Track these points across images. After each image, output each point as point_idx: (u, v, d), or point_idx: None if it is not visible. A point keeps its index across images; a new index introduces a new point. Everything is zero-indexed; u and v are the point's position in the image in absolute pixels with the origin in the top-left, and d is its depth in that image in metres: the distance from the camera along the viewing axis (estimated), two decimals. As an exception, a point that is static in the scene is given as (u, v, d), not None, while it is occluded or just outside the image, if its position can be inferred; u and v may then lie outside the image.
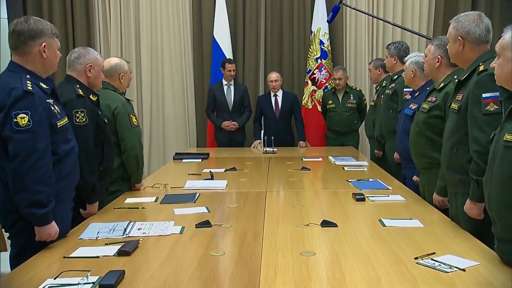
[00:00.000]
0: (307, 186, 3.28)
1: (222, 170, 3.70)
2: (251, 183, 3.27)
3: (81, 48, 2.59)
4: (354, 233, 2.11)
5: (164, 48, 6.12)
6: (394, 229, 2.15)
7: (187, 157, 4.35)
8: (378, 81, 4.76)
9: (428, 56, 2.73)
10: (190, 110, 6.19)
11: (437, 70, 2.70)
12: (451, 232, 2.11)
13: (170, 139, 6.21)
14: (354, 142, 5.32)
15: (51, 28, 2.07)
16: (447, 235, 2.06)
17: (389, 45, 4.30)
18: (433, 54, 2.69)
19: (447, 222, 2.28)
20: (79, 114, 2.40)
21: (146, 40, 6.06)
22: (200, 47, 6.09)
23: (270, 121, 5.34)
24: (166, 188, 3.06)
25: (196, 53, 6.11)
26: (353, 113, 5.31)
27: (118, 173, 2.93)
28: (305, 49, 6.00)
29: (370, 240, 2.00)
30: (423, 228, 2.17)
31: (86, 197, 2.44)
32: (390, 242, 1.98)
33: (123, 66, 3.09)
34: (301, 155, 4.59)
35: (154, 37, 6.09)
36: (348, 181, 3.21)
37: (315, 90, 5.86)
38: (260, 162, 4.30)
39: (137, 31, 6.07)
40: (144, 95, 6.13)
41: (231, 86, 5.42)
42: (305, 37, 6.02)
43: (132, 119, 2.97)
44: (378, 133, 4.23)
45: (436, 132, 2.59)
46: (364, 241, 2.00)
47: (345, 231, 2.13)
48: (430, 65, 2.73)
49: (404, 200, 2.70)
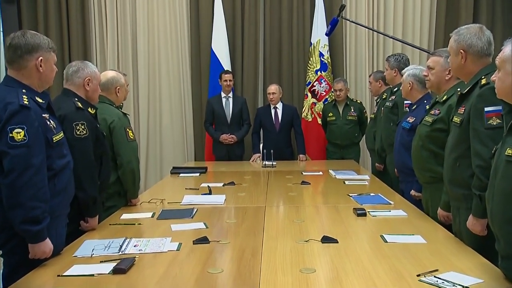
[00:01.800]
0: (307, 201, 3.27)
1: (220, 185, 3.69)
2: (250, 198, 3.26)
3: (79, 62, 2.62)
4: (355, 249, 2.11)
5: (161, 61, 6.15)
6: (396, 245, 2.15)
7: (185, 172, 4.34)
8: (378, 93, 4.79)
9: (436, 69, 2.75)
10: (187, 123, 6.20)
11: (445, 82, 2.72)
12: (454, 249, 2.10)
13: (168, 153, 6.21)
14: (355, 156, 5.32)
15: (48, 42, 2.09)
16: (450, 252, 2.06)
17: (389, 57, 4.34)
18: (444, 66, 2.70)
19: (450, 238, 2.27)
20: (79, 127, 2.41)
21: (143, 53, 6.09)
22: (198, 59, 6.12)
23: (270, 134, 5.35)
24: (163, 203, 3.06)
25: (194, 65, 6.14)
26: (354, 126, 5.32)
27: (114, 188, 2.92)
28: (305, 61, 6.03)
29: (371, 257, 2.00)
30: (426, 244, 2.16)
31: (87, 210, 2.44)
32: (392, 258, 1.97)
33: (119, 79, 3.11)
34: (301, 169, 4.59)
35: (152, 50, 6.13)
36: (349, 195, 3.20)
37: (315, 103, 5.88)
38: (259, 176, 4.29)
39: (134, 43, 6.10)
40: (141, 108, 6.14)
41: (230, 98, 5.44)
42: (304, 49, 6.05)
43: (129, 133, 2.98)
44: (379, 146, 4.24)
45: (439, 145, 2.60)
46: (365, 257, 1.99)
47: (346, 247, 2.13)
48: (440, 77, 2.74)
49: (406, 215, 2.69)
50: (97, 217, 2.51)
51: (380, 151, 4.24)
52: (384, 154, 4.18)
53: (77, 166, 2.29)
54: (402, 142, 3.28)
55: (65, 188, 2.13)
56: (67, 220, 2.24)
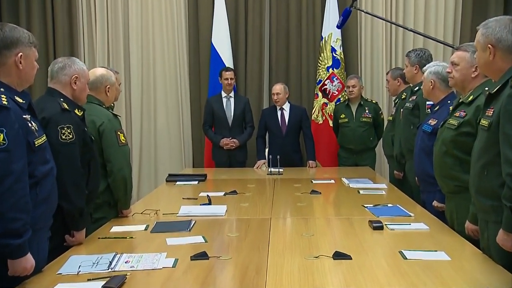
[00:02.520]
0: (317, 212, 3.27)
1: (221, 194, 3.70)
2: (254, 209, 3.27)
3: (66, 58, 2.62)
4: (370, 266, 2.10)
5: (156, 57, 6.18)
6: (416, 262, 2.14)
7: (182, 179, 4.35)
8: (396, 93, 4.78)
9: (461, 65, 2.73)
10: (185, 126, 6.22)
11: (472, 81, 2.71)
12: (481, 266, 2.09)
13: (163, 159, 6.23)
14: (371, 162, 5.31)
15: (29, 36, 2.09)
16: (477, 270, 2.05)
17: (410, 52, 4.32)
18: (470, 63, 2.69)
19: (477, 255, 2.26)
20: (65, 130, 2.41)
21: (136, 48, 6.12)
22: (197, 55, 6.14)
23: (276, 138, 5.35)
24: (158, 214, 3.06)
25: (193, 62, 6.16)
26: (369, 129, 5.31)
27: (103, 197, 2.93)
28: (315, 57, 6.04)
29: (389, 275, 1.99)
30: (450, 262, 2.15)
31: (72, 223, 2.44)
32: (412, 277, 1.96)
33: (109, 77, 3.11)
34: (310, 177, 4.58)
35: (145, 44, 6.16)
36: (364, 206, 3.20)
37: (326, 103, 5.89)
38: (264, 184, 4.29)
39: (126, 37, 6.13)
40: (134, 110, 6.16)
41: (231, 98, 5.45)
42: (314, 44, 6.06)
43: (120, 137, 2.98)
44: (398, 151, 4.22)
45: (466, 151, 2.58)
46: (382, 275, 1.99)
47: (361, 264, 2.12)
48: (465, 75, 2.73)
49: (428, 229, 2.68)
50: (84, 230, 2.50)
51: (399, 157, 4.22)
52: (403, 161, 4.17)
53: (62, 174, 2.29)
54: (423, 147, 3.26)
55: (48, 197, 2.12)
56: (49, 233, 2.23)
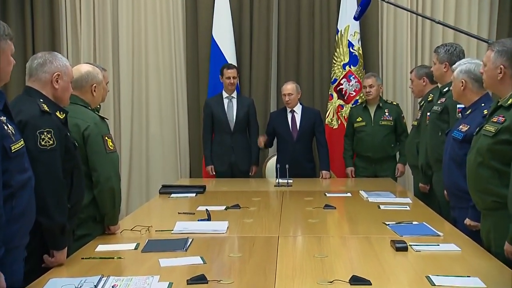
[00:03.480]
0: (331, 229, 3.27)
1: (222, 208, 3.70)
2: (259, 225, 3.26)
3: (46, 53, 2.62)
4: (393, 293, 2.08)
5: (149, 52, 6.19)
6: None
7: (177, 191, 4.35)
8: (422, 94, 4.75)
9: (487, 66, 2.73)
10: (181, 130, 6.23)
11: (500, 83, 2.69)
12: (522, 294, 2.07)
13: (156, 167, 6.24)
14: (392, 173, 5.30)
15: (4, 28, 2.10)
16: (517, 298, 2.03)
17: (438, 48, 4.29)
18: (494, 63, 2.68)
19: (517, 281, 2.24)
20: (45, 136, 2.40)
21: (126, 42, 6.14)
22: (195, 50, 6.15)
23: (285, 145, 5.35)
24: (150, 231, 3.06)
25: (190, 58, 6.17)
26: (389, 134, 5.30)
27: (88, 212, 2.92)
28: (330, 53, 6.04)
29: (415, 304, 1.98)
30: (485, 289, 2.13)
31: (53, 241, 2.43)
32: (442, 306, 1.95)
33: (96, 75, 3.11)
34: (323, 189, 4.57)
35: (137, 38, 6.18)
36: (385, 223, 3.19)
37: (342, 105, 5.88)
38: (271, 197, 4.29)
39: (114, 30, 6.16)
40: (123, 112, 6.18)
41: (233, 99, 5.46)
42: (329, 38, 6.06)
43: (108, 143, 2.97)
44: (424, 161, 4.20)
45: (505, 161, 2.55)
46: (407, 304, 1.97)
47: (382, 291, 2.10)
48: (490, 77, 2.71)
49: (460, 250, 2.66)
50: (65, 250, 2.49)
51: (425, 168, 4.20)
52: (430, 172, 4.14)
53: (41, 185, 2.29)
54: (453, 156, 3.24)
55: (24, 212, 2.11)
56: (25, 253, 2.22)
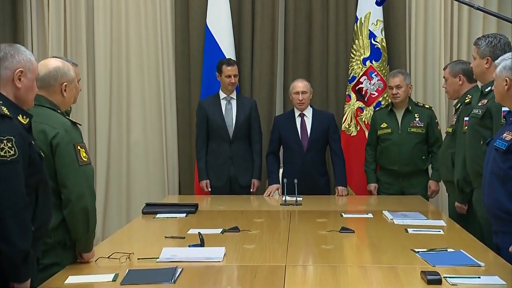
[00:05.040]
0: (349, 258, 3.26)
1: (218, 231, 3.69)
2: (262, 253, 3.24)
3: (7, 46, 2.62)
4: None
5: (130, 43, 6.21)
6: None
7: (164, 211, 4.33)
8: (458, 95, 4.73)
9: None
10: (169, 138, 6.24)
11: None
12: None
13: (139, 182, 6.25)
14: (422, 190, 5.29)
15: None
16: None
17: (479, 40, 4.26)
18: None
19: None
20: (4, 144, 2.39)
21: (103, 32, 6.16)
22: (186, 42, 6.17)
23: (294, 155, 5.34)
24: (131, 259, 3.04)
25: (180, 51, 6.19)
26: (420, 144, 5.29)
27: (56, 236, 2.90)
28: (347, 45, 6.05)
29: None
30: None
31: (13, 272, 2.41)
32: None
33: (67, 71, 3.10)
34: (340, 209, 4.56)
35: (116, 27, 6.20)
36: (414, 251, 3.17)
37: (362, 108, 5.89)
38: (277, 218, 4.28)
39: (89, 17, 6.18)
40: (100, 115, 6.19)
41: (233, 100, 5.46)
42: (346, 28, 6.09)
43: (80, 153, 2.96)
44: (460, 176, 4.18)
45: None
46: None
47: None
48: None
49: (505, 284, 2.65)
50: (28, 282, 2.47)
51: (462, 184, 4.18)
52: (468, 189, 4.12)
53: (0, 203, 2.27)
54: (495, 170, 3.22)
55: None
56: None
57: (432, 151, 5.30)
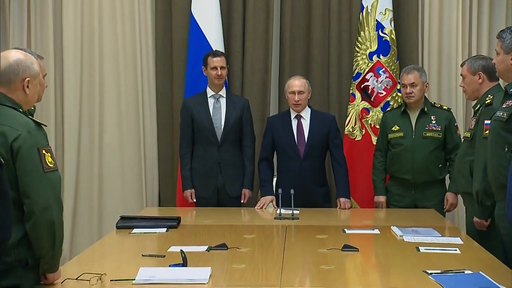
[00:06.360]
0: (352, 279, 3.26)
1: (204, 249, 3.69)
2: (253, 273, 3.23)
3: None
4: None
5: (103, 34, 6.22)
6: None
7: (142, 225, 4.33)
8: (478, 95, 4.74)
9: None
10: (147, 142, 6.25)
11: None
12: None
13: (112, 192, 6.25)
14: (438, 202, 5.30)
15: None
16: None
17: (503, 32, 4.28)
18: None
19: None
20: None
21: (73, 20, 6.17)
22: (167, 33, 6.19)
23: (290, 162, 5.34)
24: (103, 281, 3.04)
25: (161, 43, 6.21)
26: (436, 150, 5.30)
27: (17, 254, 2.88)
28: (351, 38, 6.09)
29: None
30: None
31: None
32: None
33: (30, 65, 3.10)
34: (342, 224, 4.58)
35: (88, 15, 6.21)
36: (427, 272, 3.17)
37: (368, 109, 5.91)
38: (270, 234, 4.29)
39: (57, 3, 6.17)
40: (68, 115, 6.19)
41: (222, 99, 5.46)
42: (350, 17, 6.12)
43: (46, 158, 2.95)
44: (480, 187, 4.18)
45: None
46: None
47: None
48: None
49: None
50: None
51: (483, 196, 4.18)
52: (489, 202, 4.12)
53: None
54: (520, 181, 3.23)
55: None
56: None
57: (450, 158, 5.28)
